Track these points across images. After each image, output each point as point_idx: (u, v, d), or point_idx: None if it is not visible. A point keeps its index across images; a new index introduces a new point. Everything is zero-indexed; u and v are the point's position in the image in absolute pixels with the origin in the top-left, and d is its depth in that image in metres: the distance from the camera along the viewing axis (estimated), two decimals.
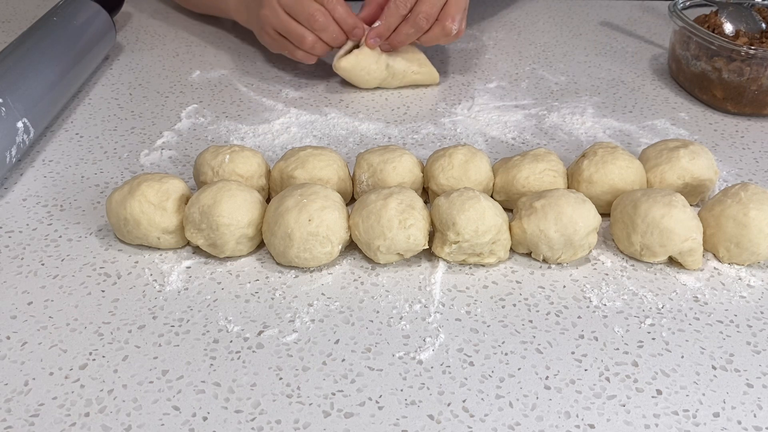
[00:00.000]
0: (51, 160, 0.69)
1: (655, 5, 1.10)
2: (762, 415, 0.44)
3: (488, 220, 0.53)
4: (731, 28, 0.80)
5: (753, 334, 0.50)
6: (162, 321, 0.50)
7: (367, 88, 0.83)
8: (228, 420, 0.43)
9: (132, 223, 0.55)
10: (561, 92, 0.85)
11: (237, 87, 0.84)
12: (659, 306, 0.52)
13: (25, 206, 0.62)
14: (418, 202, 0.55)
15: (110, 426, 0.42)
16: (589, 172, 0.60)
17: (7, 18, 1.02)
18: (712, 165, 0.62)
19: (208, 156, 0.61)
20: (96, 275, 0.54)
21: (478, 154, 0.61)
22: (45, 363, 0.47)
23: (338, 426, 0.43)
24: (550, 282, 0.54)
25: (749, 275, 0.55)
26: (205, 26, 1.01)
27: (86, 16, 0.83)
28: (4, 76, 0.66)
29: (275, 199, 0.55)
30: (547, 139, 0.75)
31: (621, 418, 0.44)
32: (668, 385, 0.46)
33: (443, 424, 0.43)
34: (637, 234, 0.55)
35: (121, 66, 0.89)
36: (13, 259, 0.56)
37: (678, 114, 0.80)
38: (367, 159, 0.61)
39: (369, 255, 0.55)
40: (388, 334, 0.49)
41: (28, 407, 0.43)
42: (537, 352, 0.48)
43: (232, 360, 0.47)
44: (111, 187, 0.65)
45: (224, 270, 0.55)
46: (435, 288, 0.54)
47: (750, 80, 0.76)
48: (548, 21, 1.05)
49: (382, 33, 0.78)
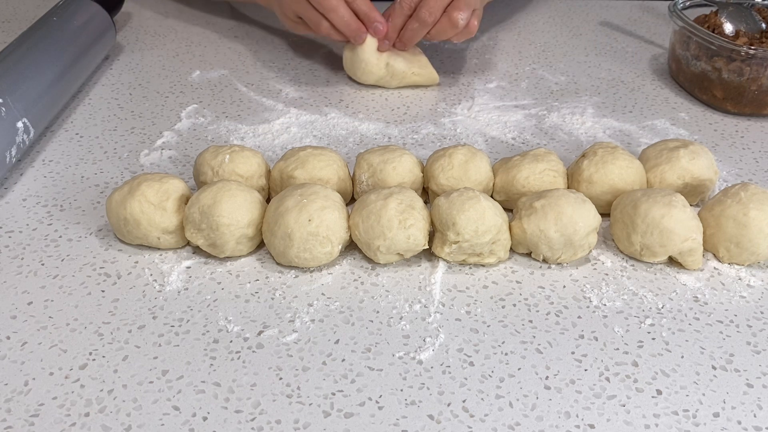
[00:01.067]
0: (51, 160, 0.69)
1: (655, 5, 1.10)
2: (762, 415, 0.44)
3: (488, 220, 0.53)
4: (731, 28, 0.80)
5: (753, 334, 0.50)
6: (162, 321, 0.50)
7: (364, 83, 0.84)
8: (228, 420, 0.43)
9: (132, 223, 0.55)
10: (561, 92, 0.85)
11: (237, 87, 0.84)
12: (659, 306, 0.52)
13: (25, 206, 0.62)
14: (418, 202, 0.55)
15: (110, 426, 0.42)
16: (589, 172, 0.60)
17: (7, 18, 1.02)
18: (712, 165, 0.62)
19: (208, 156, 0.61)
20: (96, 275, 0.54)
21: (478, 154, 0.61)
22: (45, 363, 0.47)
23: (338, 426, 0.43)
24: (550, 282, 0.54)
25: (749, 275, 0.55)
26: (205, 26, 1.01)
27: (86, 16, 0.83)
28: (4, 76, 0.66)
29: (275, 199, 0.55)
30: (547, 139, 0.75)
31: (621, 418, 0.44)
32: (668, 385, 0.46)
33: (443, 424, 0.43)
34: (637, 234, 0.55)
35: (121, 66, 0.89)
36: (13, 259, 0.56)
37: (678, 114, 0.80)
38: (367, 159, 0.61)
39: (369, 255, 0.55)
40: (388, 334, 0.49)
41: (28, 407, 0.43)
42: (537, 352, 0.48)
43: (232, 360, 0.47)
44: (111, 187, 0.65)
45: (224, 270, 0.55)
46: (435, 288, 0.54)
47: (750, 80, 0.76)
48: (548, 21, 1.05)
49: (390, 35, 0.80)
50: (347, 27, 0.79)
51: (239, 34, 0.98)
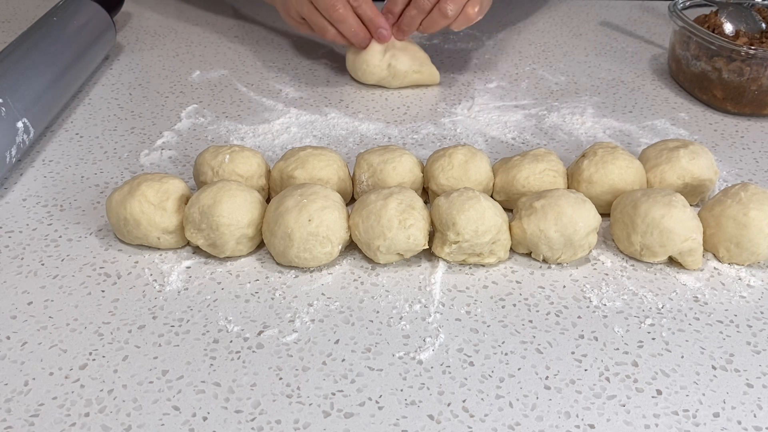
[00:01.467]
0: (51, 160, 0.69)
1: (655, 5, 1.10)
2: (762, 415, 0.44)
3: (488, 220, 0.53)
4: (731, 28, 0.80)
5: (753, 334, 0.50)
6: (162, 321, 0.50)
7: (365, 83, 0.84)
8: (228, 420, 0.43)
9: (132, 223, 0.55)
10: (561, 92, 0.85)
11: (237, 87, 0.84)
12: (659, 306, 0.52)
13: (25, 206, 0.62)
14: (418, 202, 0.55)
15: (110, 426, 0.42)
16: (589, 172, 0.60)
17: (7, 18, 1.02)
18: (712, 165, 0.62)
19: (208, 156, 0.61)
20: (96, 275, 0.54)
21: (478, 154, 0.61)
22: (45, 363, 0.47)
23: (338, 426, 0.43)
24: (550, 282, 0.54)
25: (749, 275, 0.55)
26: (205, 26, 1.01)
27: (86, 16, 0.83)
28: (4, 76, 0.66)
29: (275, 199, 0.55)
30: (547, 139, 0.75)
31: (621, 418, 0.44)
32: (668, 385, 0.46)
33: (443, 424, 0.43)
34: (637, 234, 0.55)
35: (121, 66, 0.89)
36: (13, 259, 0.56)
37: (678, 114, 0.80)
38: (367, 159, 0.61)
39: (369, 255, 0.55)
40: (388, 334, 0.49)
41: (28, 407, 0.43)
42: (537, 352, 0.48)
43: (232, 360, 0.47)
44: (111, 187, 0.65)
45: (224, 270, 0.55)
46: (435, 288, 0.54)
47: (750, 80, 0.76)
48: (548, 21, 1.05)
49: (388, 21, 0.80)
50: (355, 36, 0.79)
51: (239, 34, 0.98)
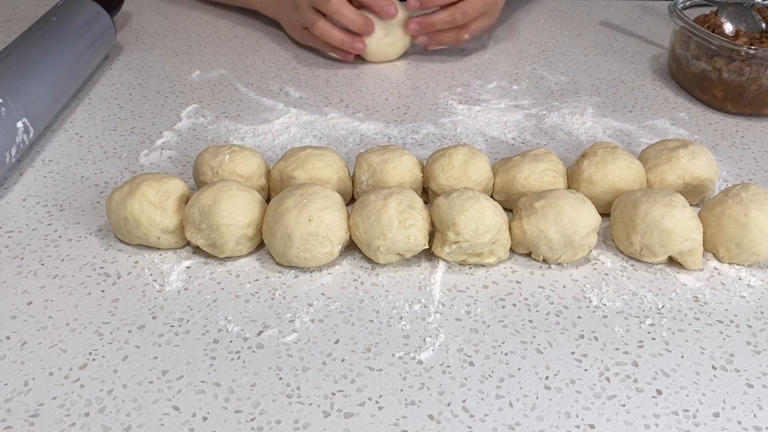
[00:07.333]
0: (51, 160, 0.69)
1: (655, 5, 1.10)
2: (762, 415, 0.44)
3: (488, 220, 0.53)
4: (731, 28, 0.80)
5: (753, 334, 0.50)
6: (162, 321, 0.50)
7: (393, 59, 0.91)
8: (228, 420, 0.43)
9: (132, 222, 0.55)
10: (561, 92, 0.85)
11: (237, 87, 0.84)
12: (659, 306, 0.52)
13: (25, 206, 0.62)
14: (418, 202, 0.55)
15: (110, 426, 0.42)
16: (589, 172, 0.60)
17: (7, 18, 1.02)
18: (712, 165, 0.62)
19: (208, 156, 0.61)
20: (96, 275, 0.54)
21: (478, 154, 0.61)
22: (45, 363, 0.47)
23: (338, 426, 0.43)
24: (550, 282, 0.54)
25: (749, 275, 0.55)
26: (205, 26, 1.01)
27: (86, 16, 0.83)
28: (4, 76, 0.66)
29: (275, 199, 0.55)
30: (547, 139, 0.75)
31: (621, 418, 0.44)
32: (668, 385, 0.46)
33: (443, 424, 0.43)
34: (637, 234, 0.55)
35: (121, 66, 0.89)
36: (13, 259, 0.56)
37: (678, 114, 0.80)
38: (367, 159, 0.61)
39: (369, 255, 0.55)
40: (388, 334, 0.49)
41: (28, 407, 0.43)
42: (537, 352, 0.48)
43: (232, 360, 0.47)
44: (111, 187, 0.65)
45: (224, 270, 0.55)
46: (435, 288, 0.54)
47: (750, 80, 0.76)
48: (548, 21, 1.05)
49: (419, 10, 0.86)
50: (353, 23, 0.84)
51: (239, 34, 0.98)
